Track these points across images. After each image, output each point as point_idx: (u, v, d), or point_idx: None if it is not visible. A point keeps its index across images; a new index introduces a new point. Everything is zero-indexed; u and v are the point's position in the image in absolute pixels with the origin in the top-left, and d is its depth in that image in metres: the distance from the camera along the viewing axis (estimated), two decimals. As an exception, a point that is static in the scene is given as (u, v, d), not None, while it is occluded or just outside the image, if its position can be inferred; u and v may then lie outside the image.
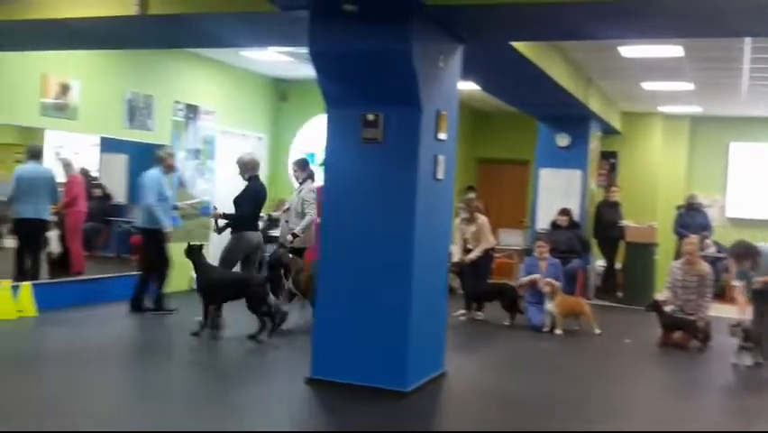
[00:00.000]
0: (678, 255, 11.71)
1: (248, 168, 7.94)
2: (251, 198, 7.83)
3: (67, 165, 8.89)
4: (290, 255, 7.80)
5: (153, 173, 8.17)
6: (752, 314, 7.69)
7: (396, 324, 5.45)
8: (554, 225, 11.01)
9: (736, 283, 7.66)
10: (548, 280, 8.47)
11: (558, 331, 8.30)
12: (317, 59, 5.50)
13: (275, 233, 9.72)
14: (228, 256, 7.78)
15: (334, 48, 5.41)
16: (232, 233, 7.86)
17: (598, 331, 8.48)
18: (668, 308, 8.18)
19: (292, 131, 12.00)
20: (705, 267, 8.34)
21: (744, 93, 10.61)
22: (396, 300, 5.45)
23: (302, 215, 8.02)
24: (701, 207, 12.05)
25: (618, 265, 11.87)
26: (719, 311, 9.42)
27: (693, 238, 8.77)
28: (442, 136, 5.75)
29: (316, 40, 5.45)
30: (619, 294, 11.57)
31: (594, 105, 10.74)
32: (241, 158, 8.07)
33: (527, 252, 11.70)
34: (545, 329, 8.36)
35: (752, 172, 13.00)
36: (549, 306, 8.33)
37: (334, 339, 5.63)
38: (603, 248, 11.93)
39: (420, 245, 5.49)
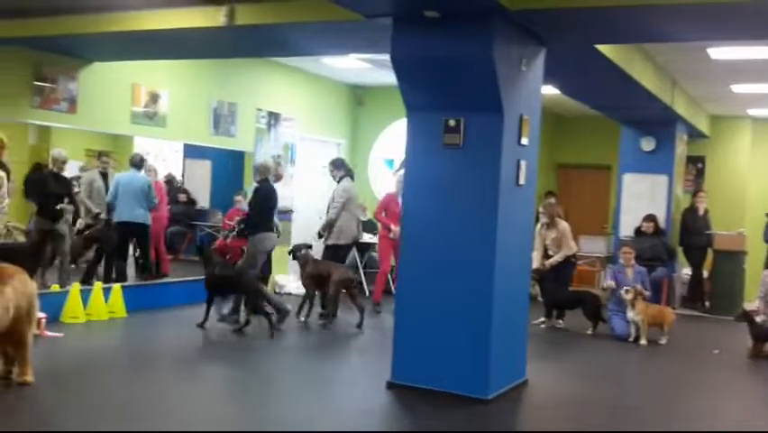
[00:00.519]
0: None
1: (259, 171, 8.18)
2: (260, 202, 8.04)
3: (150, 171, 9.19)
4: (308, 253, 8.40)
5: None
6: None
7: (478, 330, 5.41)
8: (638, 232, 10.73)
9: None
10: (631, 287, 8.25)
11: (643, 341, 8.08)
12: (399, 65, 5.53)
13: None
14: (248, 259, 8.12)
15: (416, 54, 5.44)
16: (249, 236, 8.12)
17: (663, 341, 8.20)
18: (759, 319, 7.87)
19: (370, 136, 12.09)
20: (801, 277, 8.00)
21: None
22: (478, 306, 5.41)
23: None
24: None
25: (705, 274, 11.49)
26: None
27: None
28: (524, 141, 5.69)
29: (399, 46, 5.48)
30: (706, 303, 11.21)
31: (680, 107, 10.43)
32: (254, 162, 8.50)
33: (610, 259, 11.48)
34: (630, 339, 8.15)
35: None
36: (631, 314, 8.12)
37: (415, 344, 5.63)
38: (690, 256, 11.56)
39: (502, 251, 5.44)
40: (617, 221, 11.48)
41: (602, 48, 6.81)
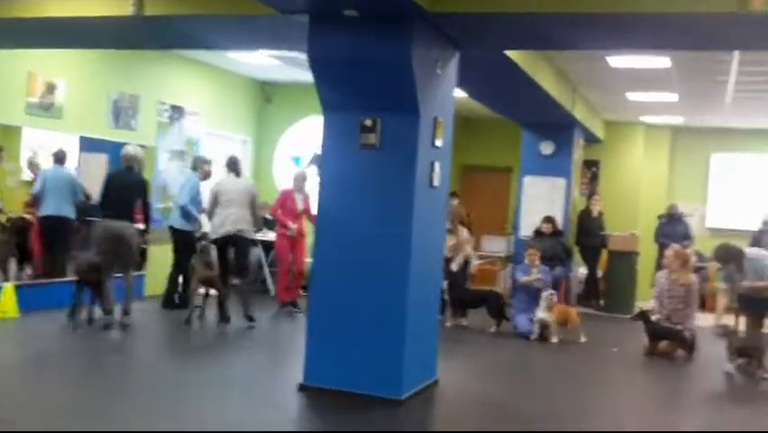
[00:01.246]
0: (659, 264, 11.89)
1: (122, 159, 8.00)
2: (103, 188, 7.92)
3: (33, 165, 8.77)
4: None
5: (195, 178, 8.56)
6: (745, 325, 7.81)
7: (392, 330, 5.42)
8: (538, 233, 11.02)
9: (721, 285, 7.72)
10: (550, 292, 8.50)
11: (554, 339, 8.31)
12: (316, 63, 5.47)
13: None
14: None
15: (333, 52, 5.39)
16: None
17: (583, 339, 8.51)
18: (654, 318, 8.23)
19: (277, 134, 11.93)
20: (692, 277, 8.42)
21: (727, 104, 10.74)
22: (392, 307, 5.42)
23: None
24: (682, 216, 12.16)
25: (600, 273, 11.96)
26: (702, 321, 9.48)
27: (670, 251, 8.78)
28: (438, 143, 5.74)
29: (316, 44, 5.42)
30: (601, 302, 11.66)
31: (579, 113, 10.81)
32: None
33: (511, 258, 11.78)
34: (533, 337, 8.38)
35: (733, 183, 13.16)
36: (544, 314, 8.34)
37: (328, 346, 5.58)
38: (585, 256, 12.00)
39: (417, 252, 5.47)
40: (518, 222, 11.79)
41: (511, 53, 6.98)
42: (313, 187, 7.75)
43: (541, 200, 11.47)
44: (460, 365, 6.94)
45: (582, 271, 12.15)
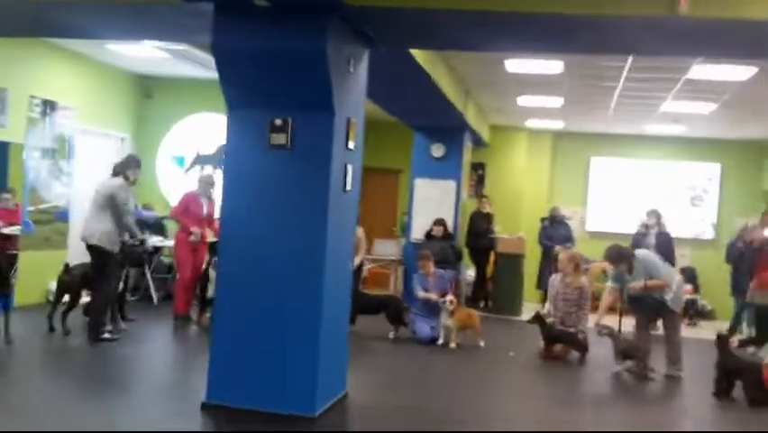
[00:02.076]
0: (542, 266, 12.15)
1: None
2: None
3: None
4: None
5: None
6: (634, 327, 7.99)
7: (306, 343, 5.10)
8: (429, 236, 10.98)
9: (610, 285, 7.90)
10: (451, 297, 8.40)
11: (453, 345, 8.21)
12: (221, 57, 5.08)
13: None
14: None
15: (241, 45, 5.02)
16: None
17: (482, 344, 8.48)
18: (549, 321, 8.31)
19: (159, 132, 11.26)
20: (584, 280, 8.56)
21: (610, 110, 11.08)
22: (306, 318, 5.10)
23: None
24: (564, 219, 12.47)
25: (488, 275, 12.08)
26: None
27: (564, 255, 8.90)
28: (351, 145, 5.47)
29: (221, 36, 5.03)
30: (489, 303, 11.76)
31: (470, 116, 10.84)
32: None
33: (401, 262, 11.67)
34: (440, 342, 8.25)
35: (611, 187, 13.65)
36: (448, 321, 8.22)
37: (234, 362, 5.19)
38: (474, 258, 12.07)
39: (331, 259, 5.18)
40: (409, 225, 11.70)
41: (415, 53, 6.81)
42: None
43: (432, 203, 11.43)
44: (366, 375, 6.68)
45: (471, 273, 12.21)
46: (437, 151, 11.54)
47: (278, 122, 5.12)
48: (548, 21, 4.96)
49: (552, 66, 8.44)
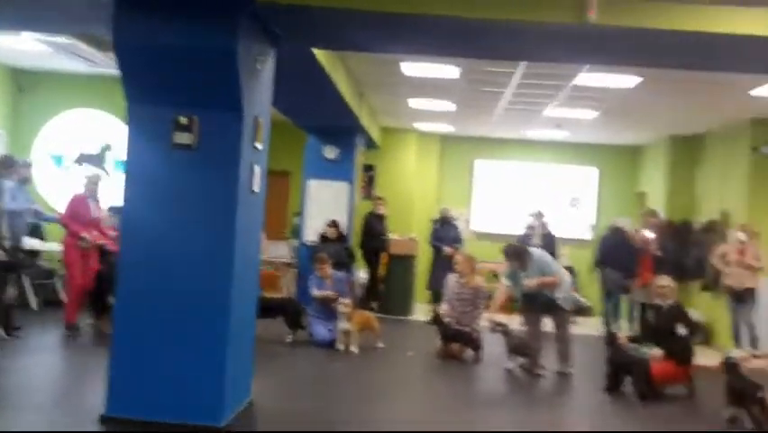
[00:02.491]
0: (432, 267, 12.33)
1: None
2: None
3: None
4: None
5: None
6: (525, 325, 8.21)
7: (212, 352, 4.91)
8: (323, 237, 10.90)
9: (505, 282, 8.10)
10: (347, 301, 8.33)
11: (353, 348, 8.14)
12: (122, 50, 4.81)
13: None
14: None
15: (144, 39, 4.77)
16: None
17: (381, 345, 8.48)
18: (446, 320, 8.41)
19: (34, 127, 10.59)
20: (479, 280, 8.72)
21: (496, 115, 11.37)
22: (213, 325, 4.91)
23: None
24: (453, 220, 12.71)
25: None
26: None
27: (460, 256, 9.04)
28: (258, 145, 5.33)
29: (122, 28, 4.77)
30: (378, 304, 11.79)
31: (363, 118, 10.84)
32: None
33: (294, 265, 11.52)
34: (339, 347, 8.17)
35: (495, 189, 14.02)
36: (345, 324, 8.15)
37: (136, 371, 4.93)
38: (367, 259, 12.07)
39: (239, 264, 5.02)
40: (302, 226, 11.56)
41: (317, 53, 6.73)
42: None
43: (326, 205, 11.34)
44: (269, 381, 6.51)
45: (362, 274, 12.21)
46: (330, 152, 11.46)
47: (183, 120, 4.91)
48: (456, 25, 5.02)
49: (448, 70, 8.56)
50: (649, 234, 9.99)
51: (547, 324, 8.14)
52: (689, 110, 10.14)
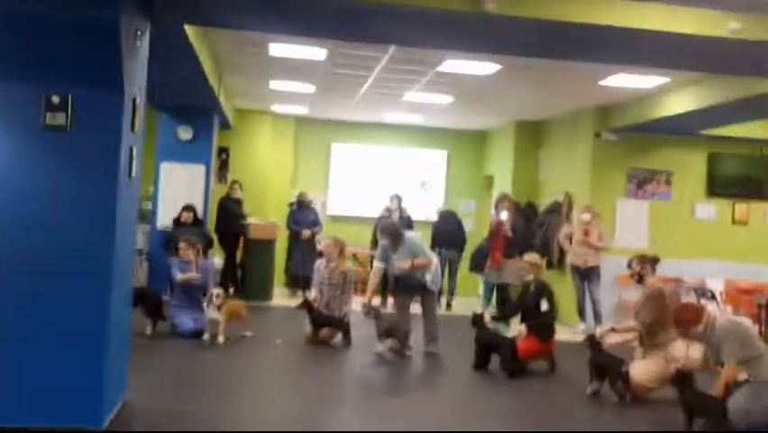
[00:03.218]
0: (292, 250, 12.22)
1: None
2: None
3: None
4: None
5: None
6: (396, 307, 8.31)
7: (90, 349, 4.57)
8: (178, 222, 10.45)
9: (377, 264, 8.15)
10: (219, 290, 8.04)
11: (221, 338, 7.86)
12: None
13: None
14: None
15: (10, 7, 4.30)
16: None
17: (248, 333, 8.27)
18: (315, 306, 8.34)
19: None
20: (348, 265, 8.72)
21: (357, 98, 11.37)
22: (91, 322, 4.56)
23: None
24: (311, 204, 12.62)
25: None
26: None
27: (329, 241, 8.97)
28: (137, 128, 4.98)
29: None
30: (236, 289, 11.52)
31: (222, 98, 10.48)
32: None
33: (148, 254, 10.98)
34: (206, 338, 7.87)
35: (351, 172, 14.05)
36: (214, 314, 7.85)
37: (4, 373, 4.49)
38: (224, 244, 11.73)
39: (120, 253, 4.69)
40: (156, 211, 11.04)
41: (188, 29, 6.42)
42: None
43: (180, 188, 10.90)
44: (140, 377, 6.11)
45: (217, 260, 11.85)
46: (185, 133, 11.01)
47: (56, 99, 4.50)
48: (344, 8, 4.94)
49: (314, 52, 8.43)
50: (502, 216, 10.39)
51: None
52: (539, 97, 10.62)
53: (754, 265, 10.80)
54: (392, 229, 8.07)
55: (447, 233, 11.93)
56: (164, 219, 10.77)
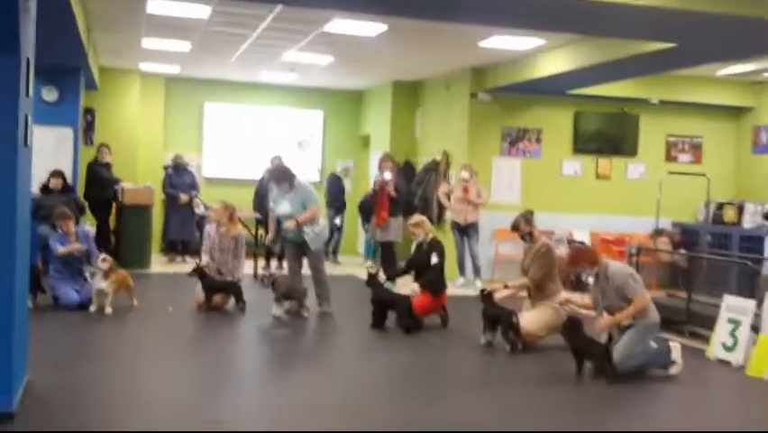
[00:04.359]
0: (168, 215, 11.87)
1: None
2: None
3: None
4: None
5: None
6: (288, 267, 8.30)
7: (-4, 329, 4.29)
8: (46, 189, 9.85)
9: (271, 206, 8.16)
10: (106, 256, 7.71)
11: (109, 309, 7.56)
12: None
13: None
14: None
15: None
16: None
17: (136, 303, 8.01)
18: (207, 272, 8.17)
19: None
20: (240, 229, 8.58)
21: (234, 58, 11.08)
22: (-5, 299, 4.28)
23: None
24: (188, 166, 12.26)
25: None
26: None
27: (218, 205, 8.74)
28: (30, 92, 4.66)
29: None
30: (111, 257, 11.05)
31: (90, 57, 9.91)
32: None
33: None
34: (93, 308, 7.55)
35: (226, 133, 13.72)
36: (102, 283, 7.52)
37: None
38: (95, 211, 11.18)
39: (20, 229, 4.40)
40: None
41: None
42: None
43: (46, 153, 10.23)
44: (35, 354, 5.81)
45: (90, 228, 11.30)
46: (49, 94, 10.36)
47: (-59, 61, 4.12)
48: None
49: (197, 10, 8.13)
50: (386, 176, 10.54)
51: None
52: (418, 58, 10.77)
53: (617, 217, 11.59)
54: (285, 170, 8.08)
55: (335, 194, 12.69)
56: (32, 186, 10.09)
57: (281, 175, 8.05)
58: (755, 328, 6.61)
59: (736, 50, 7.96)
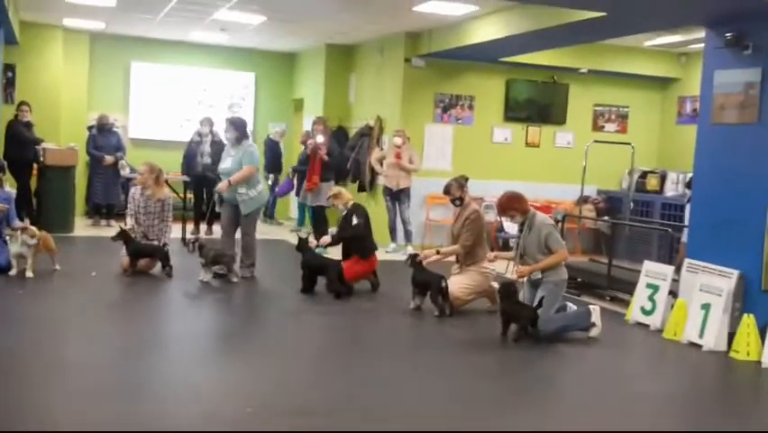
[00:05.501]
0: (93, 177, 11.59)
1: None
2: None
3: None
4: None
5: None
6: (222, 232, 8.18)
7: None
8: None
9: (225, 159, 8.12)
10: (25, 222, 7.45)
11: (30, 273, 7.32)
12: None
13: None
14: None
15: None
16: None
17: (58, 267, 7.78)
18: (133, 236, 7.99)
19: None
20: (166, 192, 8.39)
21: (162, 15, 10.74)
22: None
23: None
24: (113, 127, 11.91)
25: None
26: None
27: (144, 167, 8.50)
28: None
29: None
30: (32, 220, 10.71)
31: (11, 11, 9.47)
32: None
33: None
34: (13, 272, 7.30)
35: (153, 93, 13.35)
36: (20, 248, 7.26)
37: None
38: (15, 172, 10.77)
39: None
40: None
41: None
42: None
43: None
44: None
45: (10, 189, 10.90)
46: (-35, 48, 9.86)
47: None
48: None
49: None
50: (319, 140, 10.45)
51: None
52: (352, 20, 10.64)
53: (545, 184, 11.79)
54: (241, 122, 8.14)
55: (273, 159, 12.93)
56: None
57: (235, 125, 8.02)
58: (673, 293, 6.85)
59: (664, 20, 8.11)
